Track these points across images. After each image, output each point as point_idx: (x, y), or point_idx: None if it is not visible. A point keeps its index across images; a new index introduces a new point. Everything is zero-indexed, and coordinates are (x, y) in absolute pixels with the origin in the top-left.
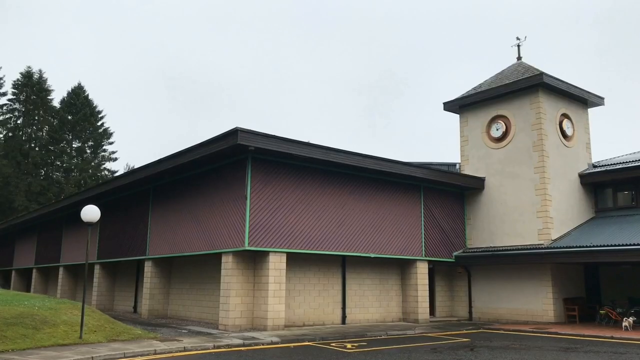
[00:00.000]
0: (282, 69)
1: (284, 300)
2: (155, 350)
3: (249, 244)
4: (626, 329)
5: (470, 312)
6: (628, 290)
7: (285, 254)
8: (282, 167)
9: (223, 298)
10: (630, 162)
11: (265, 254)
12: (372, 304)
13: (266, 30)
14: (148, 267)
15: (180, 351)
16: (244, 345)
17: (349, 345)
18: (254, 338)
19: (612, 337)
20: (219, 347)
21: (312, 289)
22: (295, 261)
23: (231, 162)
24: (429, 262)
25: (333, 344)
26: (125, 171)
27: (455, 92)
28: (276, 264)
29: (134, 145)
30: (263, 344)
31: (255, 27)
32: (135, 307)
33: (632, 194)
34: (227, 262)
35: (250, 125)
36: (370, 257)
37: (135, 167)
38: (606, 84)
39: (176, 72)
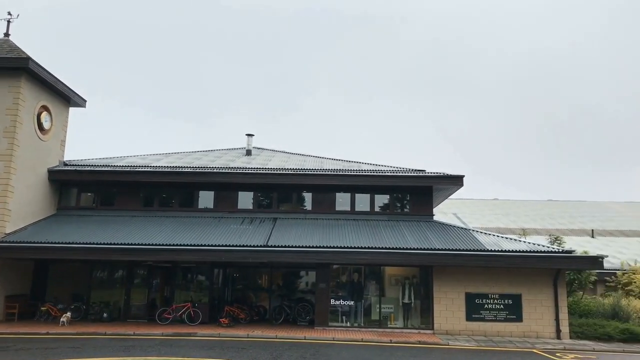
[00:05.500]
0: None
1: None
2: None
3: None
4: (63, 324)
5: None
6: (74, 286)
7: None
8: None
9: None
10: (97, 165)
11: None
12: None
13: None
14: None
15: None
16: None
17: None
18: None
19: (47, 333)
20: None
21: None
22: None
23: None
24: None
25: None
26: None
27: None
28: None
29: None
30: None
31: None
32: None
33: (94, 195)
34: None
35: None
36: None
37: None
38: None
39: None
